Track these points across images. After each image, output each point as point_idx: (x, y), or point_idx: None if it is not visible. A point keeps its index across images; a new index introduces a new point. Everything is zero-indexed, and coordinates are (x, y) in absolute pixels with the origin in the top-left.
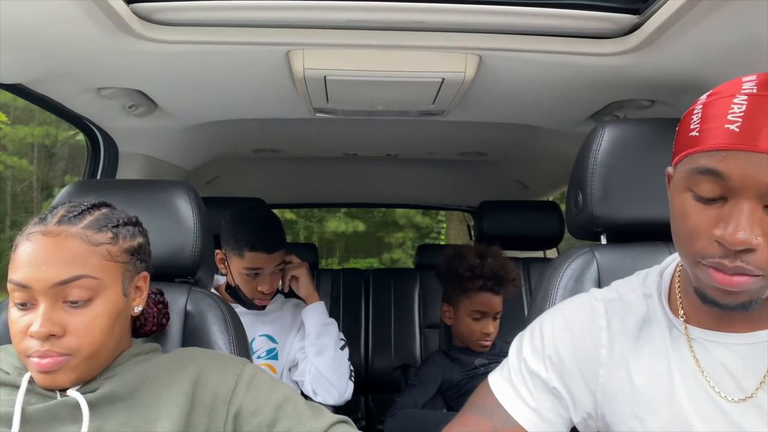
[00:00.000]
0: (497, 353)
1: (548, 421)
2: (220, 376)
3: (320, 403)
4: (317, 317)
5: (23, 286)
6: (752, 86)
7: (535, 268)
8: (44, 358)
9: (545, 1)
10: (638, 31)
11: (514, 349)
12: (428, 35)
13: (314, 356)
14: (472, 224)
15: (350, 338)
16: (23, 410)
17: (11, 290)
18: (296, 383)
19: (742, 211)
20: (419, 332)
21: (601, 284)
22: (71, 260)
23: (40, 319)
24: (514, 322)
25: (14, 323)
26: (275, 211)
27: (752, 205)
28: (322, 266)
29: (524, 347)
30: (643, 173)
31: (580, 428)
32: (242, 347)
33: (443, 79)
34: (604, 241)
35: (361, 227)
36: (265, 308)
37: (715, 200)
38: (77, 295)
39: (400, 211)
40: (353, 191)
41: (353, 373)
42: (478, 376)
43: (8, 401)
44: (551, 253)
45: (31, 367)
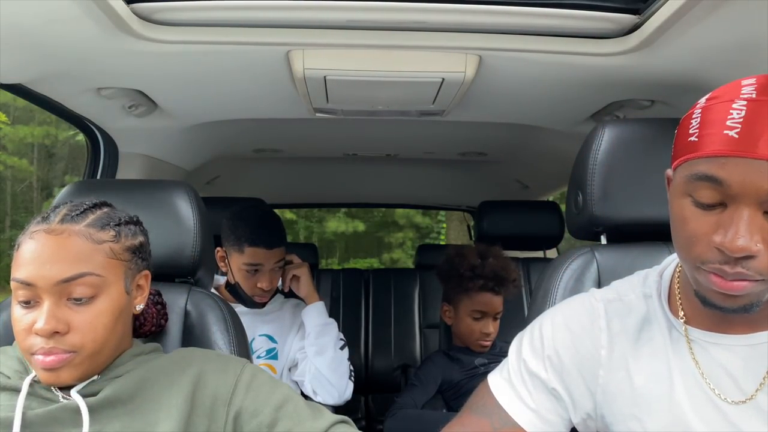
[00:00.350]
0: (497, 353)
1: (548, 421)
2: (219, 377)
3: (320, 403)
4: (317, 317)
5: (27, 283)
6: (751, 90)
7: (535, 268)
8: (48, 355)
9: (545, 1)
10: (638, 31)
11: (513, 349)
12: (428, 35)
13: (314, 356)
14: (472, 224)
15: (350, 338)
16: (24, 414)
17: (15, 288)
18: (296, 383)
19: (741, 217)
20: (419, 332)
21: (601, 284)
22: (75, 258)
23: (44, 316)
24: (514, 322)
25: (18, 321)
26: (275, 211)
27: (752, 211)
28: (322, 266)
29: (524, 348)
30: (643, 173)
31: (579, 429)
32: (242, 347)
33: (443, 79)
34: (604, 241)
35: (361, 227)
36: (264, 306)
37: (714, 206)
38: (81, 292)
39: (400, 211)
40: (353, 191)
41: (353, 373)
42: (478, 375)
43: (9, 406)
44: (551, 253)
45: (35, 364)
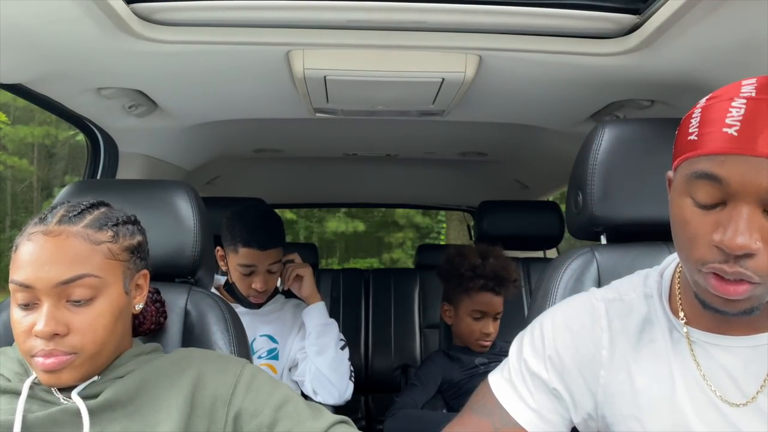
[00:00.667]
0: (497, 352)
1: (549, 421)
2: (219, 377)
3: (320, 403)
4: (318, 317)
5: (26, 286)
6: (751, 90)
7: (535, 268)
8: (49, 357)
9: (545, 1)
10: (638, 31)
11: (514, 349)
12: (428, 35)
13: (314, 356)
14: (472, 224)
15: (350, 338)
16: (24, 418)
17: (13, 290)
18: (296, 383)
19: (741, 215)
20: (419, 332)
21: (601, 284)
22: (74, 259)
23: (44, 318)
24: (514, 322)
25: (18, 323)
26: (275, 211)
27: (751, 209)
28: (322, 266)
29: (524, 347)
30: (643, 173)
31: (580, 429)
32: (242, 347)
33: (443, 79)
34: (604, 241)
35: (361, 227)
36: (260, 307)
37: (714, 206)
38: (80, 294)
39: (400, 211)
40: (353, 191)
41: (353, 373)
42: (478, 375)
43: (9, 409)
44: (551, 253)
45: (35, 366)
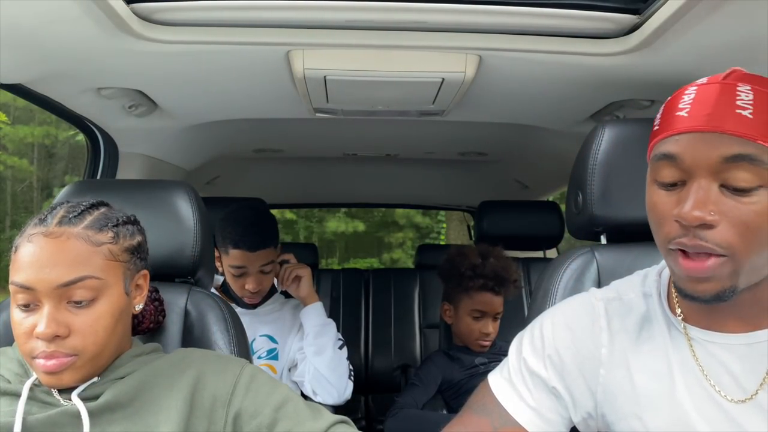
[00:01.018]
0: (497, 352)
1: (548, 420)
2: (218, 378)
3: (320, 403)
4: (316, 317)
5: (27, 288)
6: (703, 80)
7: (535, 268)
8: (50, 359)
9: (545, 1)
10: (638, 31)
11: (513, 348)
12: (428, 35)
13: (313, 356)
14: (472, 224)
15: (350, 338)
16: (24, 420)
17: (14, 292)
18: (296, 384)
19: (696, 189)
20: (419, 332)
21: (601, 284)
22: (74, 261)
23: (44, 320)
24: (514, 322)
25: (18, 325)
26: (275, 211)
27: (706, 182)
28: (322, 266)
29: (524, 347)
30: (643, 173)
31: (580, 428)
32: (242, 347)
33: (443, 79)
34: (604, 241)
35: (361, 227)
36: (255, 307)
37: (675, 185)
38: (81, 295)
39: (400, 211)
40: (353, 191)
41: (353, 372)
42: (478, 375)
43: (9, 411)
44: (551, 253)
45: (36, 368)
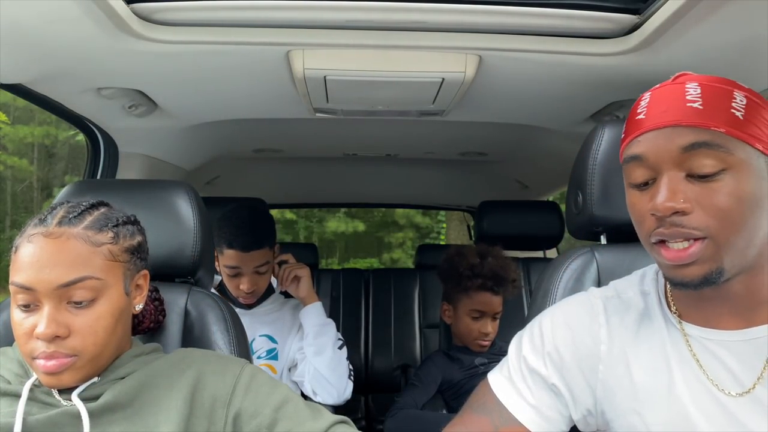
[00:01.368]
0: (497, 352)
1: (548, 418)
2: (218, 378)
3: (320, 403)
4: (315, 317)
5: (27, 288)
6: (657, 86)
7: (535, 268)
8: (50, 359)
9: (545, 1)
10: (638, 31)
11: (513, 347)
12: (428, 35)
13: (313, 356)
14: (472, 224)
15: (350, 338)
16: (24, 420)
17: (14, 292)
18: (296, 384)
19: (664, 182)
20: (419, 332)
21: (600, 284)
22: (74, 261)
23: (45, 320)
24: (514, 322)
25: (18, 325)
26: (275, 211)
27: (673, 174)
28: (322, 266)
29: (524, 345)
30: None
31: (580, 426)
32: (242, 347)
33: (443, 79)
34: (604, 241)
35: (361, 227)
36: (251, 307)
37: (647, 183)
38: (81, 296)
39: (400, 211)
40: (353, 191)
41: (352, 372)
42: (478, 375)
43: (9, 412)
44: (551, 253)
45: (36, 368)
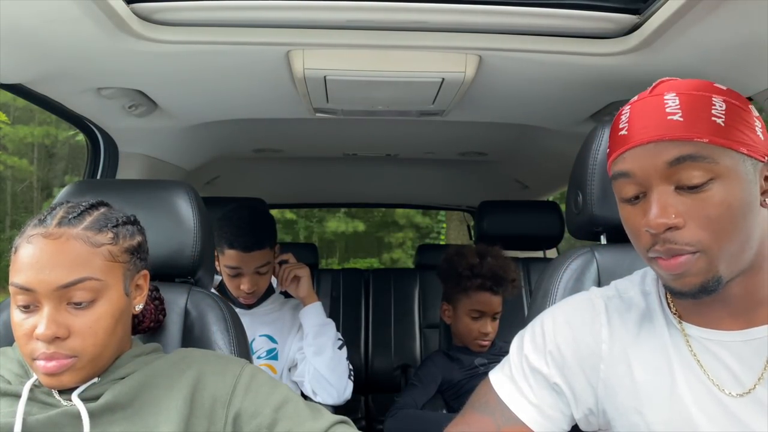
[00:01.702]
0: (497, 353)
1: (550, 417)
2: (218, 378)
3: (320, 403)
4: (315, 317)
5: (27, 289)
6: (635, 98)
7: (535, 268)
8: (50, 360)
9: (545, 1)
10: (638, 31)
11: (515, 346)
12: (428, 35)
13: (312, 356)
14: (472, 224)
15: (350, 338)
16: (24, 420)
17: (14, 293)
18: (296, 384)
19: (655, 198)
20: (419, 332)
21: (600, 284)
22: (74, 263)
23: (45, 321)
24: (514, 322)
25: (18, 326)
26: (275, 211)
27: (662, 188)
28: (322, 266)
29: (525, 344)
30: None
31: (581, 425)
32: (242, 347)
33: (443, 79)
34: (604, 241)
35: (361, 227)
36: (251, 307)
37: (638, 197)
38: (81, 296)
39: (400, 211)
40: (353, 191)
41: (352, 372)
42: (478, 375)
43: (9, 412)
44: (551, 253)
45: (36, 369)
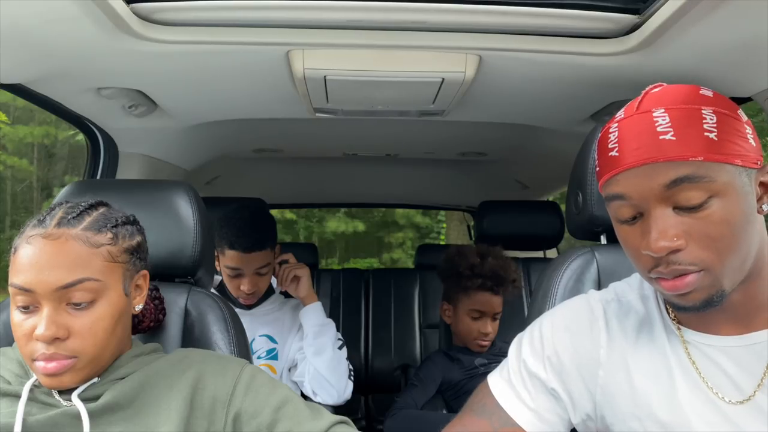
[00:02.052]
0: (497, 353)
1: (547, 421)
2: (218, 379)
3: (320, 403)
4: (315, 317)
5: (26, 290)
6: (621, 113)
7: (535, 268)
8: (50, 361)
9: (545, 1)
10: (638, 31)
11: (513, 350)
12: (428, 35)
13: (312, 356)
14: (472, 224)
15: (350, 338)
16: (24, 421)
17: (13, 294)
18: (296, 384)
19: (654, 220)
20: (419, 332)
21: (600, 284)
22: (73, 263)
23: (44, 322)
24: (514, 322)
25: (18, 327)
26: (275, 211)
27: (660, 211)
28: (322, 266)
29: (523, 348)
30: None
31: (579, 429)
32: (242, 347)
33: (443, 79)
34: (604, 241)
35: (361, 227)
36: (251, 307)
37: (635, 218)
38: (80, 297)
39: (400, 211)
40: (353, 191)
41: (353, 372)
42: (478, 376)
43: (9, 412)
44: (551, 253)
45: (36, 370)
